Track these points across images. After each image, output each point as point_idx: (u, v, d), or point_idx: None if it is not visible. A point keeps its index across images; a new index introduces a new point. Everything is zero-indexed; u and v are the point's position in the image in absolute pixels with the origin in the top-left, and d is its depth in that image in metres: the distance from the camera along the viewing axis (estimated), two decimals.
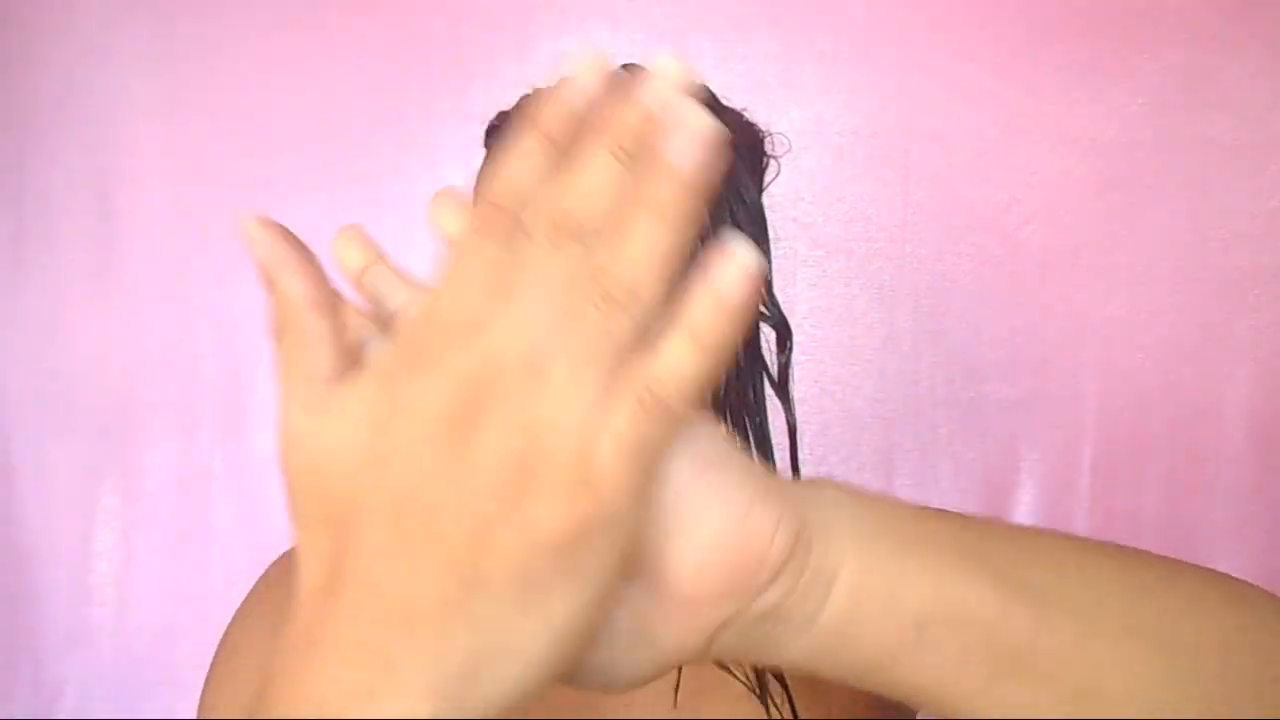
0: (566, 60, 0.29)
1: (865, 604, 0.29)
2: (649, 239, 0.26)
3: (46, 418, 1.03)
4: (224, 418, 1.02)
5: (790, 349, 0.55)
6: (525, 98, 0.59)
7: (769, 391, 0.57)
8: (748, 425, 0.54)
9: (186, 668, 1.02)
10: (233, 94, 1.01)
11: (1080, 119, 0.96)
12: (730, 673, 0.57)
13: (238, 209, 1.00)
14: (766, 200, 0.56)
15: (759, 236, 0.53)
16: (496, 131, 0.59)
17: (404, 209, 0.99)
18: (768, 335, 0.56)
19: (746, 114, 0.59)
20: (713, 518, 0.28)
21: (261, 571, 0.63)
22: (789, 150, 0.59)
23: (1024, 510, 0.97)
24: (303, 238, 0.32)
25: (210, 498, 1.02)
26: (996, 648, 0.30)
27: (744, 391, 0.54)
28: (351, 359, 0.28)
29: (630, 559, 0.27)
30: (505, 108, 0.60)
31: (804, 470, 0.96)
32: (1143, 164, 0.96)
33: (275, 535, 1.08)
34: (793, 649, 0.29)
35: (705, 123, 0.27)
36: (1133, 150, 0.96)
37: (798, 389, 1.00)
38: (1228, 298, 0.96)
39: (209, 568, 1.02)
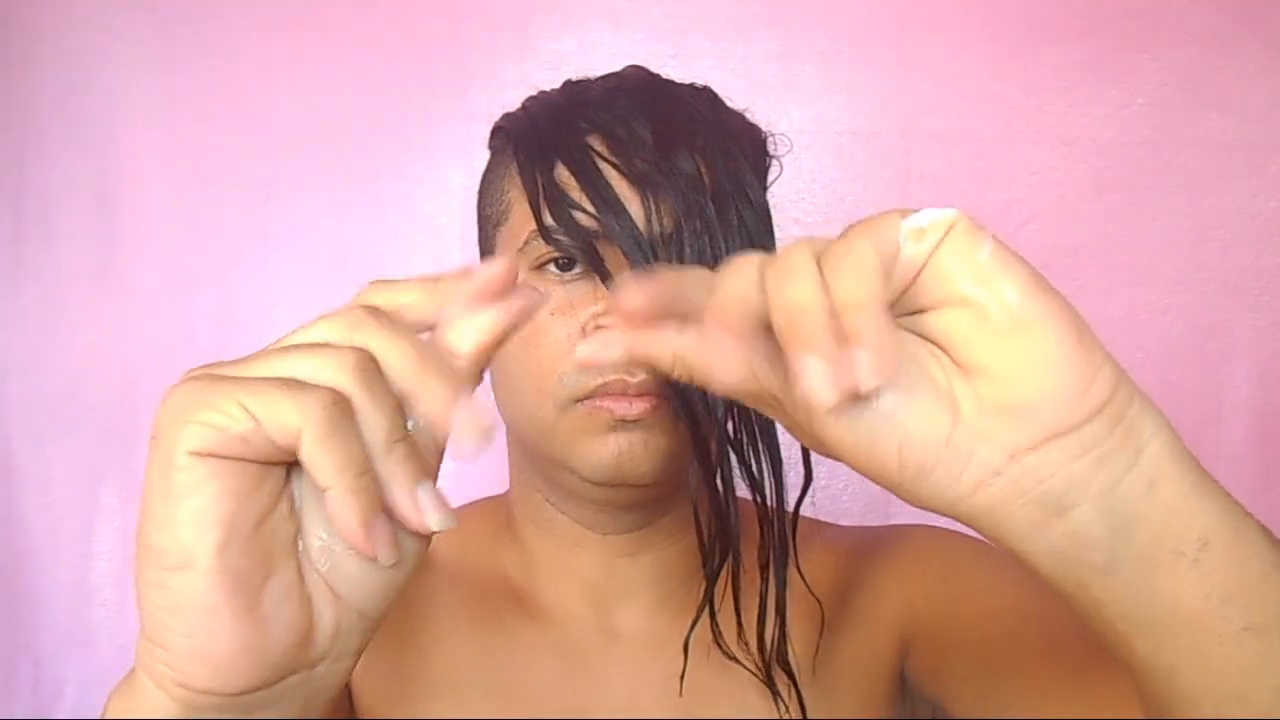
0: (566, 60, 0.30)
1: (1161, 490, 0.30)
2: None
3: (46, 418, 1.03)
4: None
5: None
6: (530, 99, 0.59)
7: None
8: (756, 432, 0.54)
9: None
10: (233, 94, 1.01)
11: (1080, 119, 0.96)
12: (739, 663, 0.57)
13: (238, 209, 1.01)
14: (770, 200, 0.56)
15: (765, 236, 0.53)
16: (501, 133, 0.59)
17: (404, 209, 0.99)
18: None
19: (749, 114, 0.59)
20: (1055, 326, 0.29)
21: None
22: (790, 150, 0.60)
23: None
24: (302, 237, 0.32)
25: None
26: (1262, 598, 0.30)
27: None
28: None
29: None
30: (509, 108, 0.60)
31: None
32: (1143, 164, 0.96)
33: None
34: (1084, 511, 0.30)
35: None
36: (1133, 150, 0.96)
37: None
38: (1228, 298, 0.96)
39: None
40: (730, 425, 0.53)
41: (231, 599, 0.29)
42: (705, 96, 0.57)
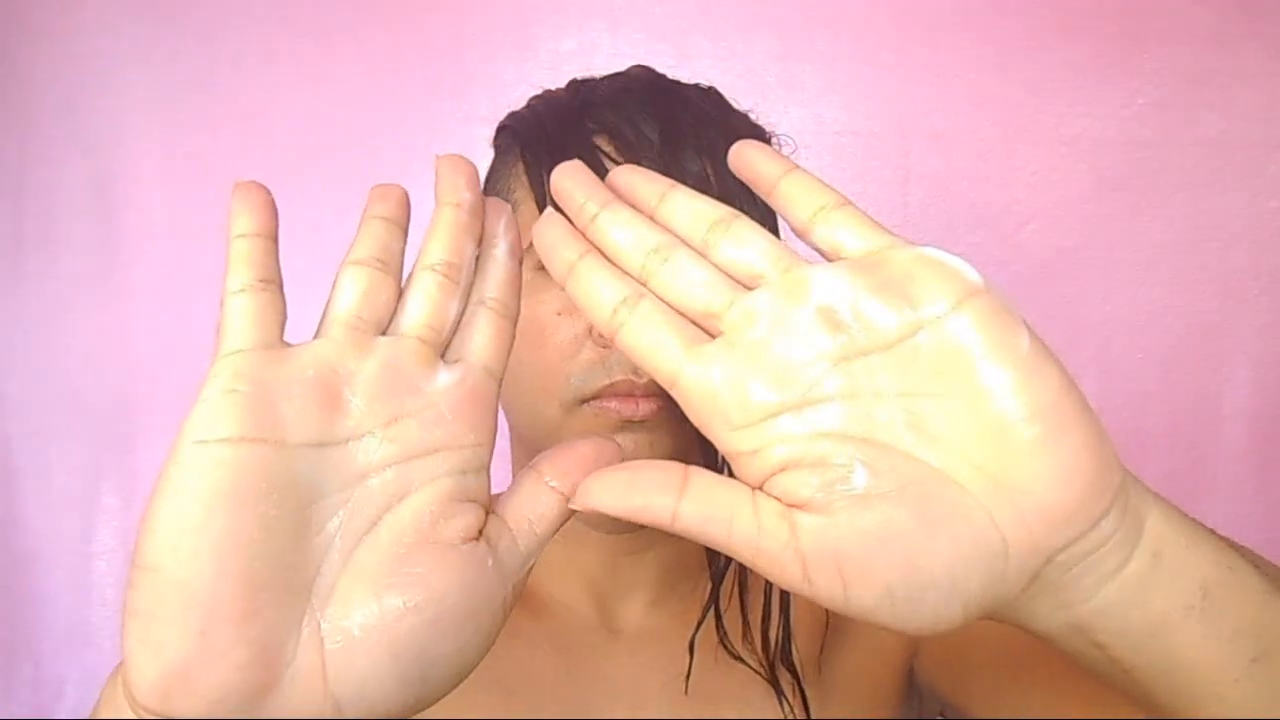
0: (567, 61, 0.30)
1: (1165, 555, 0.30)
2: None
3: (46, 418, 1.03)
4: None
5: None
6: (536, 98, 0.59)
7: None
8: None
9: None
10: (233, 94, 1.01)
11: (1080, 119, 0.96)
12: (744, 662, 0.57)
13: None
14: None
15: (771, 235, 0.53)
16: (506, 132, 0.59)
17: None
18: None
19: (752, 115, 0.59)
20: (1089, 425, 0.29)
21: None
22: (795, 150, 0.60)
23: None
24: (302, 237, 0.32)
25: None
26: (1261, 628, 0.31)
27: None
28: None
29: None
30: (510, 109, 0.60)
31: None
32: (1143, 164, 0.96)
33: None
34: (1097, 598, 0.30)
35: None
36: (1133, 150, 0.96)
37: None
38: (1228, 298, 0.96)
39: None
40: None
41: (189, 616, 0.27)
42: (711, 97, 0.57)
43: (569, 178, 0.33)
